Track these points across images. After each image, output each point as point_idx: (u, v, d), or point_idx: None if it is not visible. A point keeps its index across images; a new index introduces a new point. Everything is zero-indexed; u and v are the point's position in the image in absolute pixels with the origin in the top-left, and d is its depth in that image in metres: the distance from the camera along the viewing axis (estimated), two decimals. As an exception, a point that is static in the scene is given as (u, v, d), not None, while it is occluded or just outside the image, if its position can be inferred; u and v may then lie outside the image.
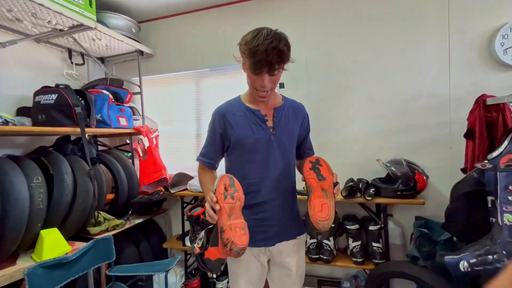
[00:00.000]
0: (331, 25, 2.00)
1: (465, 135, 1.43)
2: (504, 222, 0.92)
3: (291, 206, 1.14)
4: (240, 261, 1.07)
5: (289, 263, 1.11)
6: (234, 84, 2.22)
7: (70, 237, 1.60)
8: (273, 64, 0.91)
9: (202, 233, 0.95)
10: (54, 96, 1.63)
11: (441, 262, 1.14)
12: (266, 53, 0.89)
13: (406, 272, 1.44)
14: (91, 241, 1.49)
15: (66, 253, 1.43)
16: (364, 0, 1.93)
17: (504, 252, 0.91)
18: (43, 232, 1.40)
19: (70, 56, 2.14)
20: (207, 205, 0.89)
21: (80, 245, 1.49)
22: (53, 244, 1.41)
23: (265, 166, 1.06)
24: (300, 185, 1.21)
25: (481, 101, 1.33)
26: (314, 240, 1.82)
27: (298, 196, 1.22)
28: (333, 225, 1.74)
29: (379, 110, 1.92)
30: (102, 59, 2.44)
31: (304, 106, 1.21)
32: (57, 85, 1.67)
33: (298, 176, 1.19)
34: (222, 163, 1.21)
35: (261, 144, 1.06)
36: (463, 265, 1.01)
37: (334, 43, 2.00)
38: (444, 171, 1.79)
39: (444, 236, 1.47)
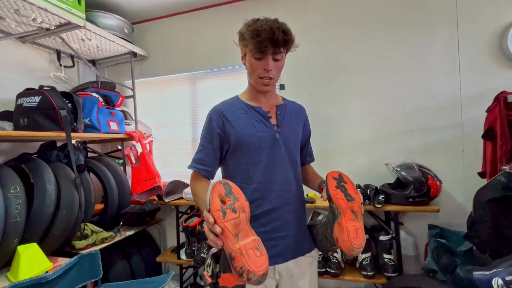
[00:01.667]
0: (333, 24, 1.91)
1: (484, 136, 1.32)
2: (547, 233, 0.80)
3: (302, 214, 1.02)
4: None
5: (301, 286, 0.97)
6: (232, 85, 2.11)
7: (53, 253, 1.46)
8: (279, 41, 0.85)
9: (209, 258, 0.78)
10: (37, 99, 1.51)
11: (468, 278, 1.01)
12: (271, 31, 0.84)
13: (424, 287, 1.31)
14: (75, 257, 1.34)
15: (47, 271, 1.28)
16: (367, -3, 1.85)
17: (547, 268, 0.79)
18: (20, 248, 1.25)
19: (58, 58, 2.03)
20: (205, 228, 0.72)
21: (63, 262, 1.34)
22: (31, 261, 1.26)
23: (272, 167, 0.94)
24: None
25: (501, 98, 1.22)
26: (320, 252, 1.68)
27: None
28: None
29: (386, 112, 1.81)
30: (93, 62, 2.33)
31: (305, 109, 1.13)
32: (41, 87, 1.55)
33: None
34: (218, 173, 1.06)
35: (266, 142, 0.94)
36: (497, 283, 0.88)
37: (337, 43, 1.90)
38: (457, 175, 1.68)
39: (463, 246, 1.35)
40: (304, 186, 1.08)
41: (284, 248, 0.93)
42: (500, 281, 0.87)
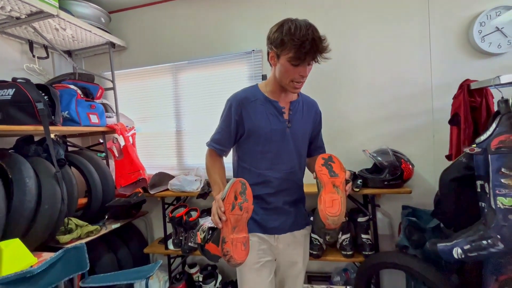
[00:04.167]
0: (310, 13, 1.95)
1: (450, 121, 1.43)
2: (498, 206, 0.90)
3: (301, 197, 1.16)
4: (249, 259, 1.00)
5: (296, 254, 1.12)
6: (215, 76, 2.10)
7: (36, 248, 1.44)
8: (320, 52, 0.91)
9: (206, 227, 0.95)
10: (11, 91, 1.45)
11: (433, 250, 1.12)
12: (314, 42, 0.89)
13: (397, 262, 1.42)
14: (60, 251, 1.34)
15: (31, 266, 1.27)
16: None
17: (498, 236, 0.90)
18: (2, 244, 1.23)
19: (31, 49, 1.94)
20: (213, 208, 0.87)
21: (48, 256, 1.34)
22: (14, 256, 1.25)
23: (279, 158, 1.05)
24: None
25: (465, 86, 1.32)
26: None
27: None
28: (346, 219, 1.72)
29: (362, 101, 1.89)
30: (69, 53, 2.24)
31: (317, 103, 1.21)
32: (14, 79, 1.50)
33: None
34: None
35: (277, 135, 1.05)
36: (457, 252, 0.98)
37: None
38: (428, 159, 1.80)
39: (432, 223, 1.47)
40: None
41: (283, 222, 1.07)
42: (460, 250, 0.97)
